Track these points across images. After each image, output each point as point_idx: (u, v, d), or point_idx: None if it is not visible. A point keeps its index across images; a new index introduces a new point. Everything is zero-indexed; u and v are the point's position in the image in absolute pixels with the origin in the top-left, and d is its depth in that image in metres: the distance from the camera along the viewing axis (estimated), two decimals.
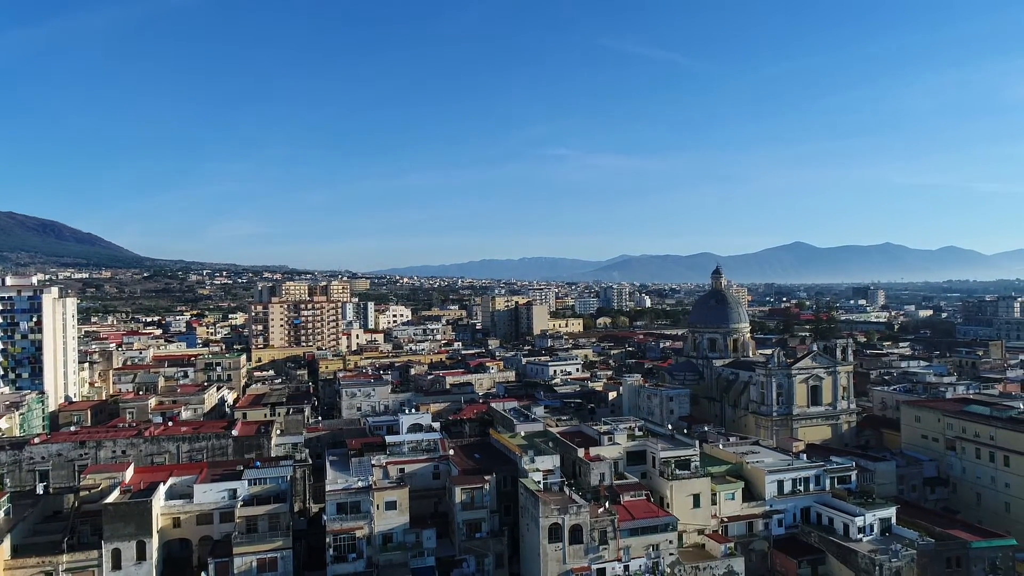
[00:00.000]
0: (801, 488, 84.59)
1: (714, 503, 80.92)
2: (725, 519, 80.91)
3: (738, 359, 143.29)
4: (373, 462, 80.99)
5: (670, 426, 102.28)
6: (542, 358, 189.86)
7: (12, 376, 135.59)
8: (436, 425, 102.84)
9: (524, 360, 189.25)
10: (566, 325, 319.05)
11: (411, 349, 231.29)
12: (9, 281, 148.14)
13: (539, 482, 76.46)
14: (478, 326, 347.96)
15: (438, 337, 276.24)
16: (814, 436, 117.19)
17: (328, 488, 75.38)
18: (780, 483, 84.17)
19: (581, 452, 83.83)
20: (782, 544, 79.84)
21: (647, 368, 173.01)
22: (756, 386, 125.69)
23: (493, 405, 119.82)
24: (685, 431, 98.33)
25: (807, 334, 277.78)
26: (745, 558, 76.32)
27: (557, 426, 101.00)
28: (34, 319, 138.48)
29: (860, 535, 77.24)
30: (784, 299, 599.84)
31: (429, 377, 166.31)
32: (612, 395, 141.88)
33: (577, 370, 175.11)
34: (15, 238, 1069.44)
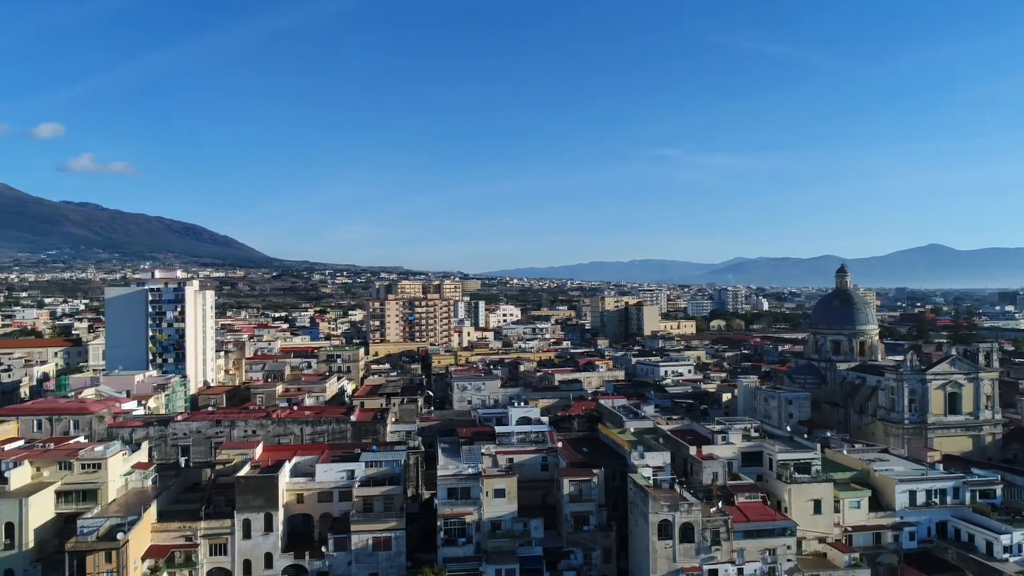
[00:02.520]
0: (936, 500, 78.43)
1: (837, 511, 76.46)
2: (849, 528, 76.23)
3: (865, 363, 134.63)
4: (483, 451, 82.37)
5: (788, 428, 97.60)
6: (652, 358, 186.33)
7: (159, 361, 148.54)
8: (544, 419, 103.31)
9: (634, 360, 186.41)
10: (678, 327, 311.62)
11: (520, 347, 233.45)
12: (158, 275, 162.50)
13: (648, 478, 75.00)
14: (587, 326, 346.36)
15: (547, 336, 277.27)
16: (951, 447, 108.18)
17: (439, 473, 77.42)
18: (912, 494, 78.40)
19: (693, 450, 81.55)
20: (914, 559, 74.19)
21: (764, 371, 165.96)
22: (885, 391, 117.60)
23: (602, 402, 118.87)
24: (805, 436, 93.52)
25: (944, 341, 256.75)
26: (871, 571, 71.57)
27: (668, 424, 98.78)
28: (178, 309, 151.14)
29: (1006, 555, 70.63)
30: (917, 304, 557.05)
31: (538, 374, 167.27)
32: (726, 397, 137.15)
33: (689, 371, 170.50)
34: (162, 240, 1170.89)
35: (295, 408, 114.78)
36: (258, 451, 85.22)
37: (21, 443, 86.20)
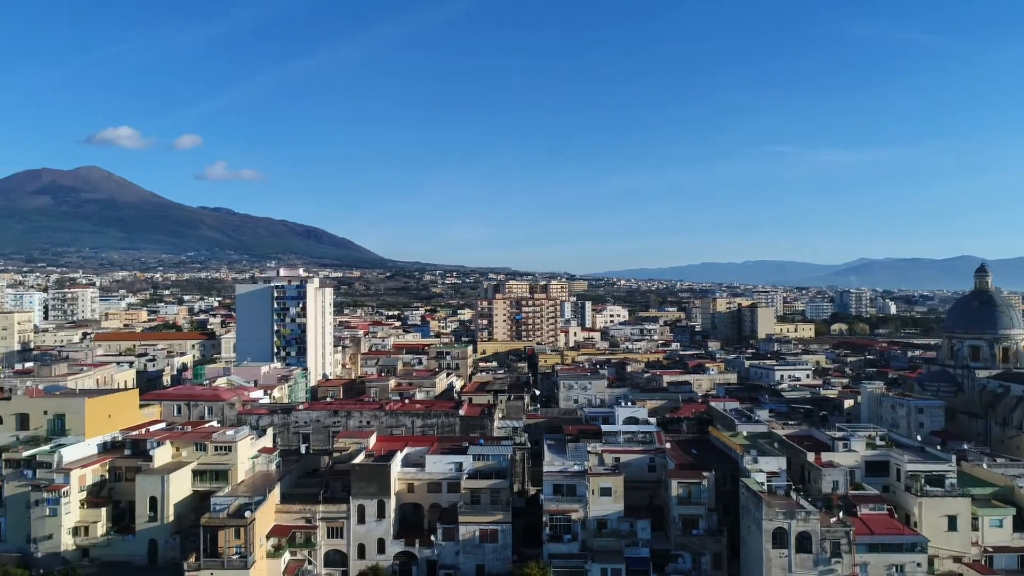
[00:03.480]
0: None
1: (975, 529, 70.38)
2: (989, 548, 69.99)
3: (1009, 370, 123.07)
4: (589, 448, 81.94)
5: (919, 438, 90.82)
6: (767, 361, 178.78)
7: (283, 354, 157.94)
8: (652, 420, 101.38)
9: (747, 363, 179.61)
10: (795, 330, 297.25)
11: (627, 348, 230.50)
12: (282, 273, 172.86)
13: (762, 483, 71.98)
14: (697, 328, 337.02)
15: (655, 337, 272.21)
16: None
17: (545, 469, 77.69)
18: None
19: (811, 456, 77.51)
20: None
21: (890, 378, 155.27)
22: None
23: (712, 404, 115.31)
24: (938, 447, 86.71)
25: None
26: None
27: (783, 429, 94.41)
28: (300, 306, 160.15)
29: None
30: None
31: (646, 375, 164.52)
32: (848, 403, 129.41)
33: (807, 376, 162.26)
34: (286, 242, 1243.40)
35: (407, 401, 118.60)
36: (372, 441, 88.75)
37: (163, 425, 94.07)
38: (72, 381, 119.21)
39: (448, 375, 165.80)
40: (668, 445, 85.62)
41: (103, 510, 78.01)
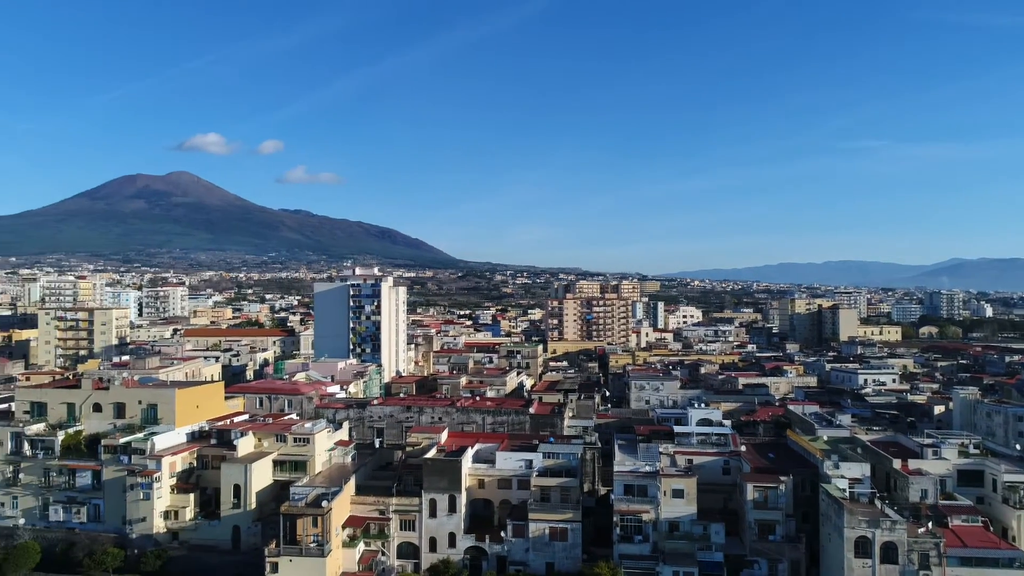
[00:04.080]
0: None
1: None
2: None
3: None
4: (661, 449, 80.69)
5: (1019, 447, 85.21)
6: (850, 365, 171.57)
7: (358, 350, 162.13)
8: (726, 423, 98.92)
9: (828, 366, 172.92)
10: (880, 332, 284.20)
11: (701, 349, 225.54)
12: (358, 272, 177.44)
13: (844, 490, 69.10)
14: (774, 330, 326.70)
15: (730, 339, 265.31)
16: None
17: (616, 469, 76.93)
18: None
19: (897, 463, 73.90)
20: None
21: (986, 384, 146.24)
22: None
23: (791, 408, 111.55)
24: None
25: None
26: None
27: (867, 435, 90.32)
28: (375, 303, 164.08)
29: None
30: None
31: (720, 377, 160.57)
32: (938, 409, 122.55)
33: (893, 380, 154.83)
34: (361, 243, 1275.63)
35: (477, 399, 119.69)
36: (443, 436, 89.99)
37: (246, 417, 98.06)
38: (163, 373, 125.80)
39: (518, 374, 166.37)
40: (743, 448, 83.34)
41: (191, 496, 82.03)
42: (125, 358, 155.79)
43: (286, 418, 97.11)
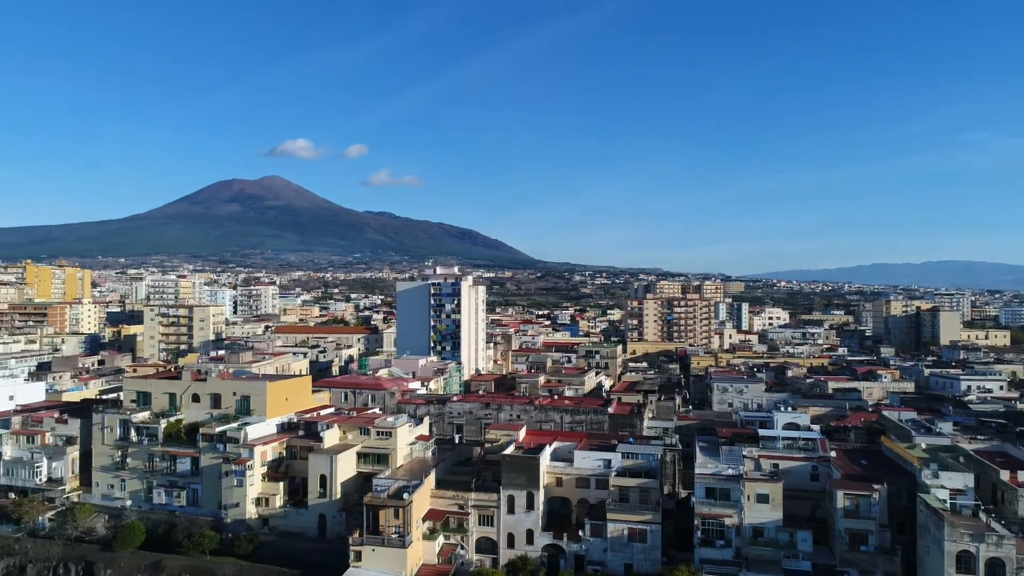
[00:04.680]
0: None
1: None
2: None
3: None
4: (745, 453, 78.32)
5: None
6: (952, 370, 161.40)
7: (439, 348, 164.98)
8: (815, 427, 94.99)
9: (927, 371, 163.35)
10: (985, 337, 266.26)
11: (788, 352, 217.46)
12: (439, 271, 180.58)
13: (944, 501, 65.20)
14: (867, 333, 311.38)
15: (819, 342, 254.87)
16: None
17: (697, 471, 75.25)
18: None
19: (1005, 475, 69.04)
20: None
21: None
22: None
23: (885, 413, 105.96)
24: None
25: None
26: None
27: (970, 444, 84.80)
28: (455, 302, 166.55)
29: None
30: None
31: (808, 381, 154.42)
32: None
33: (1001, 388, 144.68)
34: (442, 244, 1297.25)
35: (555, 398, 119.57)
36: (521, 434, 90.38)
37: (332, 410, 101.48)
38: (256, 367, 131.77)
39: (597, 374, 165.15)
40: (833, 454, 79.82)
41: (281, 484, 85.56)
42: (221, 352, 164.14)
43: (369, 412, 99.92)
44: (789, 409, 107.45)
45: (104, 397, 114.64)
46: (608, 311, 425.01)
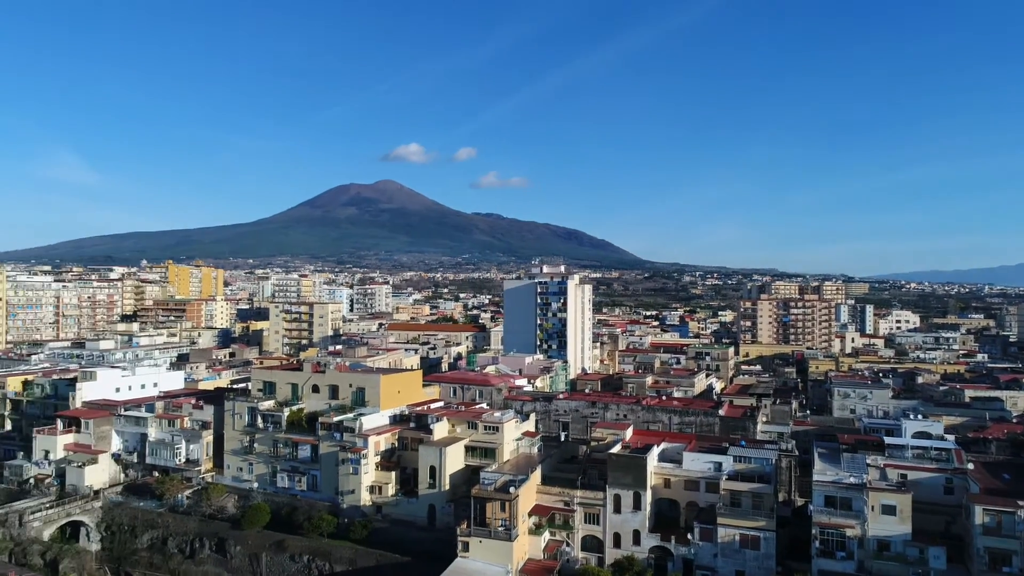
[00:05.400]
0: None
1: None
2: None
3: None
4: (868, 461, 73.71)
5: None
6: None
7: (545, 346, 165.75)
8: (949, 437, 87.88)
9: None
10: None
11: (918, 357, 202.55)
12: (545, 270, 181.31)
13: None
14: (1012, 338, 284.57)
15: (954, 347, 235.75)
16: None
17: (816, 478, 71.50)
18: None
19: None
20: None
21: None
22: None
23: None
24: None
25: None
26: None
27: None
28: (561, 301, 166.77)
29: None
30: None
31: (942, 388, 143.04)
32: None
33: None
34: (548, 244, 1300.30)
35: (664, 398, 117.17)
36: (628, 433, 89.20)
37: (441, 404, 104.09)
38: (370, 362, 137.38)
39: (707, 376, 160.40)
40: (971, 466, 73.59)
41: (393, 473, 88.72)
42: (338, 347, 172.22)
43: (477, 407, 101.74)
44: (919, 417, 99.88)
45: (235, 386, 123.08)
46: (719, 312, 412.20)
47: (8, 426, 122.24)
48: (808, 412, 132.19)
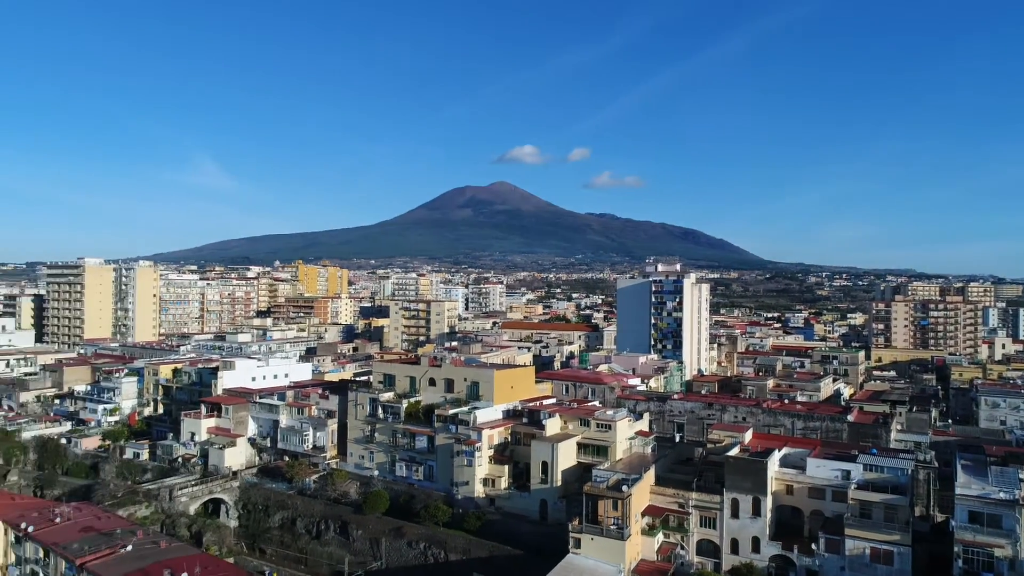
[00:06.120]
0: None
1: None
2: None
3: None
4: (1021, 476, 66.97)
5: None
6: None
7: (659, 346, 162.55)
8: None
9: None
10: None
11: None
12: (660, 268, 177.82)
13: None
14: None
15: None
16: None
17: (959, 492, 65.76)
18: None
19: None
20: None
21: None
22: None
23: None
24: None
25: None
26: None
27: None
28: (676, 300, 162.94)
29: None
30: None
31: None
32: None
33: None
34: (663, 244, 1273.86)
35: (786, 402, 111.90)
36: (747, 436, 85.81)
37: (553, 400, 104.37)
38: (484, 358, 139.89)
39: (835, 381, 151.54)
40: None
41: (505, 467, 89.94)
42: (454, 344, 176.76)
43: (589, 404, 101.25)
44: None
45: (357, 379, 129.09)
46: (848, 315, 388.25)
47: (160, 410, 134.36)
48: (950, 422, 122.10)
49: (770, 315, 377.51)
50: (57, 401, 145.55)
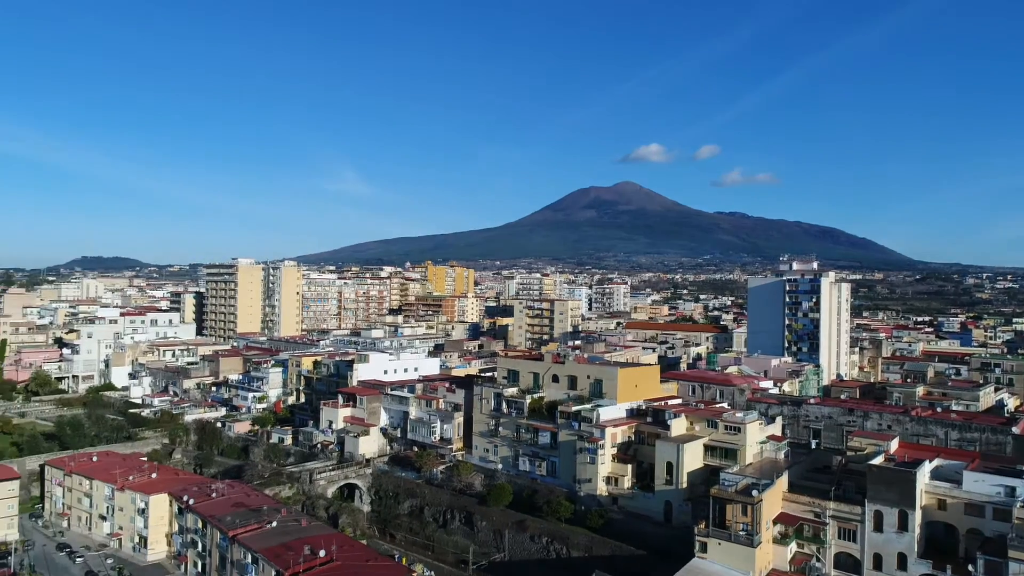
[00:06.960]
0: None
1: None
2: None
3: None
4: None
5: None
6: None
7: (794, 349, 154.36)
8: None
9: None
10: None
11: None
12: (795, 267, 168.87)
13: None
14: None
15: None
16: None
17: None
18: None
19: None
20: None
21: None
22: None
23: None
24: None
25: None
26: None
27: None
28: (813, 300, 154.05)
29: None
30: None
31: None
32: None
33: None
34: (799, 243, 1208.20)
35: (939, 411, 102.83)
36: (893, 445, 79.62)
37: (679, 401, 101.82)
38: (608, 357, 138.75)
39: (997, 390, 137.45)
40: None
41: (629, 467, 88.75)
42: (577, 343, 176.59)
43: (717, 406, 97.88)
44: None
45: (483, 374, 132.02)
46: (1014, 319, 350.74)
47: (302, 399, 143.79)
48: None
49: (920, 319, 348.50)
50: (214, 388, 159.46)
